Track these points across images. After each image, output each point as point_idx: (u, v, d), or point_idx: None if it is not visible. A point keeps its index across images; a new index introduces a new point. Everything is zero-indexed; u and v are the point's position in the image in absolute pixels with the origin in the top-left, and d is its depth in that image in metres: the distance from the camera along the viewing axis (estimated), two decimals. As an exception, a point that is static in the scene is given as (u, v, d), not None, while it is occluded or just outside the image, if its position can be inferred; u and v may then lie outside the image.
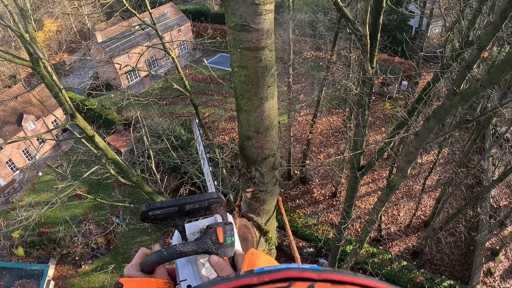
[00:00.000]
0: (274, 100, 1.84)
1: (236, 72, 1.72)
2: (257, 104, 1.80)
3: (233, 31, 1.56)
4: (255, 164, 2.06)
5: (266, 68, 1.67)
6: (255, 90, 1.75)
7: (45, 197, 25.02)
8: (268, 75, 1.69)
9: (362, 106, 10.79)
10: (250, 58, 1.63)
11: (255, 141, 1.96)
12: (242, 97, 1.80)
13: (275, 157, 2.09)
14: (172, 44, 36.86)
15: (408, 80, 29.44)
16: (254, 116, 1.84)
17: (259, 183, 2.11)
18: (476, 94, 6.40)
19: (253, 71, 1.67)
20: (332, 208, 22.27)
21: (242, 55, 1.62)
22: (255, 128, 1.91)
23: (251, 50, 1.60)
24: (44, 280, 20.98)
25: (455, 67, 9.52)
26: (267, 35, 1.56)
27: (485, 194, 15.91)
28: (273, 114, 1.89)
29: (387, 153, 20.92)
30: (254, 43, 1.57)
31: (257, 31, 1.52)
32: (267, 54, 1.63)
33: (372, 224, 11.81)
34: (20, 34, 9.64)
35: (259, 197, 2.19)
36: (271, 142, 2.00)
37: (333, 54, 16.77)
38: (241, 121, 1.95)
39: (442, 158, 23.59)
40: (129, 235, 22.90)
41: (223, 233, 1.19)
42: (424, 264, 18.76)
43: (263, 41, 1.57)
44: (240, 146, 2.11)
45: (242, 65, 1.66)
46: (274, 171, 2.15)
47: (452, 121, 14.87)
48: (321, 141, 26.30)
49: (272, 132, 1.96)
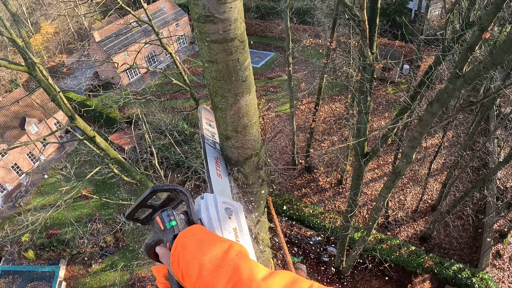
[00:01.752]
0: (252, 95, 1.70)
1: (207, 67, 1.58)
2: (232, 101, 1.65)
3: (197, 23, 1.42)
4: (237, 165, 1.91)
5: (238, 61, 1.52)
6: (228, 86, 1.60)
7: (52, 199, 25.16)
8: (241, 68, 1.55)
9: (364, 92, 10.63)
10: (219, 52, 1.48)
11: (234, 140, 1.82)
12: (216, 94, 1.66)
13: (259, 156, 1.95)
14: (170, 39, 36.64)
15: (410, 64, 29.11)
16: (230, 114, 1.70)
17: (243, 184, 1.97)
18: (479, 76, 6.24)
19: (223, 65, 1.52)
20: (338, 195, 22.17)
21: (210, 48, 1.47)
22: (232, 127, 1.76)
23: (219, 43, 1.45)
24: (55, 281, 21.16)
25: (456, 49, 9.31)
26: (236, 25, 1.41)
27: (491, 176, 15.69)
28: (252, 111, 1.75)
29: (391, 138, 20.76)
30: (222, 35, 1.42)
31: (224, 21, 1.38)
32: (237, 45, 1.48)
33: (379, 211, 11.73)
34: (13, 40, 9.51)
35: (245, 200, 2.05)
36: (252, 141, 1.86)
37: (332, 41, 16.53)
38: (218, 120, 1.80)
39: (446, 141, 23.37)
40: (137, 233, 23.00)
41: (161, 221, 1.24)
42: (432, 249, 18.67)
43: (232, 32, 1.43)
44: (221, 146, 1.96)
45: (212, 60, 1.52)
46: (259, 171, 2.01)
47: (456, 104, 14.65)
48: (324, 129, 26.14)
49: (252, 130, 1.81)
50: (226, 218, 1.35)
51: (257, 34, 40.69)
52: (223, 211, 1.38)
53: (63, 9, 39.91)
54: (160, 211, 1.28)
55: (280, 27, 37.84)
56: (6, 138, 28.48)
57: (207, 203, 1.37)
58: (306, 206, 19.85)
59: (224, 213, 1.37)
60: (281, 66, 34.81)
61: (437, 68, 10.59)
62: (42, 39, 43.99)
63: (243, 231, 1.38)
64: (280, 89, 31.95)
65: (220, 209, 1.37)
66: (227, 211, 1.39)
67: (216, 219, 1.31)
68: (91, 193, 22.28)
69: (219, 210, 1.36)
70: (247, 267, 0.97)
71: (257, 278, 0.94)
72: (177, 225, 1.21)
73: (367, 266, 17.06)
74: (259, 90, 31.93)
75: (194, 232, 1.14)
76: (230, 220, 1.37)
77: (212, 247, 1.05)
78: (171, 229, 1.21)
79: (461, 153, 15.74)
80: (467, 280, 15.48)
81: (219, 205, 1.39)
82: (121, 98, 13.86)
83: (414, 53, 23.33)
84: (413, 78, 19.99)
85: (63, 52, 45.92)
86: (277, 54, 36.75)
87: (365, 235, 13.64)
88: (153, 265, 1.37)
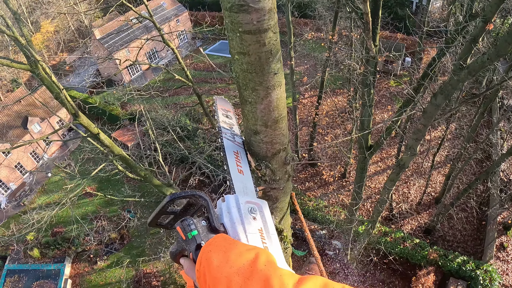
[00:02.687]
0: (282, 88, 1.67)
1: (237, 59, 1.55)
2: (263, 94, 1.62)
3: (229, 13, 1.39)
4: (265, 160, 1.89)
5: (271, 53, 1.50)
6: (260, 79, 1.57)
7: (56, 197, 25.23)
8: (273, 61, 1.52)
9: (367, 85, 10.61)
10: (252, 43, 1.45)
11: (263, 135, 1.79)
12: (246, 88, 1.63)
13: (286, 151, 1.93)
14: (171, 35, 36.54)
15: (412, 56, 28.97)
16: (261, 108, 1.67)
17: (270, 180, 1.95)
18: (484, 68, 6.21)
19: (256, 57, 1.49)
20: (342, 189, 22.17)
21: (242, 40, 1.44)
22: (262, 122, 1.74)
23: (252, 34, 1.42)
24: (61, 279, 21.24)
25: (459, 41, 9.25)
26: (270, 15, 1.38)
27: (495, 168, 15.66)
28: (282, 105, 1.72)
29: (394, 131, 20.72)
30: (255, 25, 1.39)
31: (258, 11, 1.35)
32: (271, 37, 1.45)
33: (383, 204, 11.73)
34: (15, 38, 9.47)
35: (271, 195, 2.03)
36: (281, 136, 1.83)
37: (334, 34, 16.46)
38: (246, 114, 1.77)
39: (450, 134, 23.31)
40: (142, 229, 23.06)
41: (182, 230, 1.20)
42: (436, 241, 18.69)
43: (266, 22, 1.40)
44: (247, 141, 1.93)
45: (243, 52, 1.49)
46: (286, 167, 1.99)
47: (459, 96, 14.59)
48: (328, 122, 26.10)
49: (281, 125, 1.79)
50: (250, 219, 1.31)
51: (257, 28, 40.41)
52: (246, 212, 1.33)
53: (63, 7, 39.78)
54: (180, 221, 1.24)
55: (281, 21, 37.68)
56: (9, 137, 28.51)
57: (229, 205, 1.33)
58: (310, 200, 19.85)
59: (248, 214, 1.32)
60: (283, 60, 34.63)
61: (441, 60, 10.53)
62: (43, 38, 43.88)
63: (270, 231, 1.33)
64: (281, 84, 31.84)
65: (244, 211, 1.32)
66: (251, 212, 1.34)
67: (239, 223, 1.27)
68: (95, 191, 22.29)
69: (242, 212, 1.31)
70: (277, 277, 0.94)
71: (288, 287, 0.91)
72: (198, 235, 1.18)
73: (371, 259, 17.08)
74: (260, 85, 31.76)
75: (217, 243, 1.10)
76: (255, 220, 1.32)
77: (238, 258, 1.01)
78: (193, 239, 1.18)
79: (464, 145, 15.70)
80: (471, 273, 15.49)
81: (241, 206, 1.34)
82: (123, 95, 13.81)
83: (417, 45, 23.23)
84: (415, 71, 19.91)
85: (64, 50, 45.83)
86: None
87: (370, 228, 13.66)
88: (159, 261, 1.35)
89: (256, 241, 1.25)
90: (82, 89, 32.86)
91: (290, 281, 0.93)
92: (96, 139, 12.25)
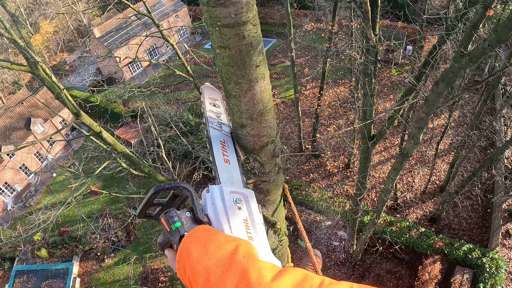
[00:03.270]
0: (266, 80, 1.65)
1: (218, 54, 1.53)
2: (246, 87, 1.61)
3: (207, 7, 1.37)
4: (253, 153, 1.88)
5: (252, 45, 1.48)
6: (242, 72, 1.56)
7: (61, 197, 25.41)
8: (254, 53, 1.50)
9: (368, 75, 10.54)
10: (231, 36, 1.44)
11: (249, 128, 1.78)
12: (229, 81, 1.62)
13: (275, 143, 1.92)
14: (171, 31, 36.47)
15: (413, 44, 28.75)
16: (245, 101, 1.66)
17: (260, 173, 1.94)
18: (485, 54, 6.15)
19: (236, 50, 1.48)
20: (347, 179, 22.14)
21: (221, 34, 1.42)
22: (247, 115, 1.72)
23: (231, 27, 1.40)
24: (70, 278, 21.43)
25: (460, 28, 9.17)
26: (248, 7, 1.36)
27: (499, 156, 15.56)
28: (267, 97, 1.70)
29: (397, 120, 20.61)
30: (234, 18, 1.37)
31: (235, 4, 1.33)
32: (250, 29, 1.43)
33: (388, 193, 11.71)
34: (13, 41, 9.48)
35: (262, 188, 2.02)
36: (268, 128, 1.82)
37: (334, 25, 16.34)
38: (232, 107, 1.76)
39: (453, 121, 23.19)
40: (148, 225, 23.19)
41: (166, 222, 1.21)
42: (442, 230, 18.66)
43: (244, 15, 1.38)
44: (235, 135, 1.92)
45: (224, 45, 1.47)
46: (275, 159, 1.98)
47: (461, 83, 14.49)
48: (330, 113, 26.02)
49: (267, 117, 1.77)
50: (235, 209, 1.31)
51: (257, 21, 40.33)
52: (231, 202, 1.33)
53: (61, 7, 39.79)
54: (164, 212, 1.25)
55: (280, 13, 37.50)
56: (12, 139, 28.68)
57: (213, 196, 1.33)
58: (314, 191, 19.84)
59: (232, 204, 1.32)
60: (283, 52, 34.61)
61: (441, 47, 10.44)
62: (42, 39, 43.96)
63: (255, 221, 1.33)
64: (284, 75, 31.79)
65: (228, 201, 1.32)
66: (236, 202, 1.34)
67: (223, 213, 1.27)
68: (100, 189, 22.44)
69: (227, 203, 1.31)
70: (256, 269, 0.95)
71: (266, 280, 0.91)
72: (181, 226, 1.18)
73: (377, 249, 17.10)
74: (261, 77, 31.76)
75: (198, 235, 1.11)
76: (240, 210, 1.32)
77: (218, 250, 1.02)
78: (176, 231, 1.18)
79: (468, 133, 15.61)
80: (477, 260, 15.46)
81: (226, 196, 1.34)
82: (124, 92, 13.84)
83: (417, 33, 23.04)
84: (417, 59, 19.76)
85: (64, 50, 45.90)
86: (278, 40, 36.49)
87: (375, 218, 13.66)
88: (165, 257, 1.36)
89: (241, 231, 1.24)
90: (83, 88, 32.93)
91: (269, 273, 0.93)
92: (98, 138, 12.29)
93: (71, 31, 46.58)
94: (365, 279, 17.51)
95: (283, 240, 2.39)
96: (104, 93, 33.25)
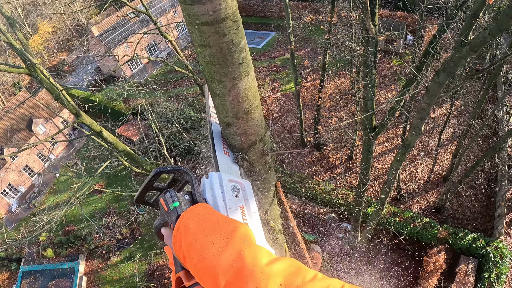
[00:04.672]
0: (251, 77, 1.61)
1: (200, 52, 1.49)
2: (229, 86, 1.57)
3: (185, 5, 1.33)
4: (241, 152, 1.84)
5: (233, 42, 1.43)
6: (224, 70, 1.52)
7: (65, 197, 25.47)
8: (236, 50, 1.46)
9: (369, 66, 10.46)
10: (211, 34, 1.39)
11: (236, 127, 1.74)
12: (212, 80, 1.58)
13: (264, 141, 1.88)
14: (169, 27, 36.34)
15: (413, 34, 28.52)
16: (229, 100, 1.62)
17: (249, 172, 1.89)
18: (485, 43, 6.09)
19: (217, 48, 1.44)
20: (350, 171, 22.10)
21: (201, 32, 1.38)
22: (233, 113, 1.69)
23: (210, 25, 1.36)
24: (76, 277, 21.56)
25: (460, 16, 9.08)
26: (226, 3, 1.32)
27: (502, 144, 15.45)
28: (252, 94, 1.66)
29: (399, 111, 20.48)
30: (212, 16, 1.33)
31: (212, 1, 1.28)
32: (230, 26, 1.38)
33: (391, 184, 11.68)
34: (10, 43, 9.46)
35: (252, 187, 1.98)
36: (255, 126, 1.78)
37: (333, 16, 16.21)
38: (217, 106, 1.72)
39: (455, 111, 23.04)
40: (152, 222, 23.18)
41: (164, 202, 1.23)
42: (446, 219, 18.61)
43: (223, 12, 1.33)
44: (223, 134, 1.88)
45: (204, 44, 1.43)
46: (265, 157, 1.94)
47: (462, 72, 14.37)
48: (331, 105, 25.93)
49: (254, 115, 1.73)
50: (232, 196, 1.33)
51: (256, 14, 40.14)
52: (229, 189, 1.35)
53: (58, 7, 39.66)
54: (163, 193, 1.27)
55: (279, 5, 37.27)
56: (14, 141, 28.76)
57: (211, 181, 1.35)
58: (317, 184, 19.81)
59: (230, 191, 1.34)
60: (283, 45, 34.46)
61: (442, 37, 10.33)
62: (41, 39, 43.93)
63: (251, 209, 1.34)
64: (284, 68, 31.66)
65: (226, 188, 1.34)
66: (233, 189, 1.37)
67: (221, 198, 1.28)
68: (103, 187, 22.49)
69: (225, 189, 1.33)
70: (251, 251, 0.94)
71: (260, 263, 0.90)
72: (180, 206, 1.20)
73: (382, 240, 17.10)
74: (262, 70, 31.67)
75: (197, 212, 1.11)
76: (237, 198, 1.34)
77: (215, 229, 1.01)
78: (174, 210, 1.19)
79: (470, 122, 15.50)
80: (482, 250, 15.43)
81: (224, 183, 1.36)
82: (125, 90, 13.85)
83: (417, 23, 22.85)
84: (417, 49, 19.61)
85: (63, 50, 45.84)
86: (278, 33, 36.31)
87: (378, 209, 13.63)
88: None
89: (237, 216, 1.26)
90: (84, 87, 32.94)
91: (265, 258, 0.93)
92: (99, 137, 12.32)
93: (70, 30, 46.50)
94: (370, 271, 17.52)
95: (278, 238, 2.36)
96: (104, 91, 33.22)
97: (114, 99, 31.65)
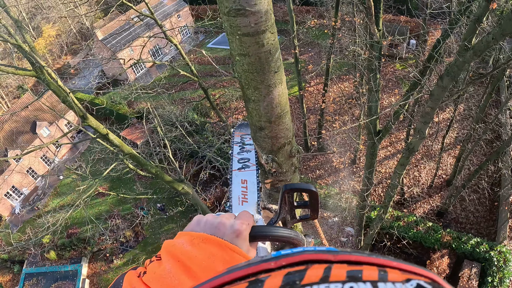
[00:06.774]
0: (283, 85, 1.71)
1: (238, 61, 1.59)
2: (265, 92, 1.67)
3: (228, 17, 1.42)
4: (271, 154, 1.94)
5: (270, 52, 1.53)
6: (261, 78, 1.62)
7: (69, 199, 25.54)
8: (273, 60, 1.56)
9: (373, 70, 10.54)
10: (251, 44, 1.49)
11: (267, 131, 1.84)
12: (248, 87, 1.68)
13: (291, 144, 1.98)
14: (174, 31, 36.51)
15: (417, 38, 28.62)
16: (264, 105, 1.72)
17: (277, 173, 2.00)
18: (489, 48, 6.16)
19: (256, 58, 1.53)
20: (353, 175, 22.14)
21: (241, 42, 1.48)
22: (266, 118, 1.78)
23: (251, 36, 1.46)
24: (79, 280, 21.56)
25: (463, 21, 9.16)
26: (267, 17, 1.42)
27: (505, 148, 15.52)
28: (284, 101, 1.76)
29: (403, 115, 20.56)
30: (253, 28, 1.43)
31: (255, 14, 1.38)
32: (269, 37, 1.48)
33: (395, 188, 11.72)
34: (18, 46, 9.57)
35: (279, 187, 2.08)
36: (285, 130, 1.88)
37: (337, 20, 16.33)
38: (250, 111, 1.82)
39: (458, 115, 23.09)
40: (156, 225, 23.29)
41: None
42: (449, 224, 18.63)
43: (263, 24, 1.43)
44: (253, 137, 1.98)
45: (243, 53, 1.53)
46: (292, 159, 2.04)
47: (466, 76, 14.45)
48: (335, 109, 26.00)
49: (285, 120, 1.83)
50: None
51: (259, 19, 40.20)
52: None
53: (63, 11, 39.90)
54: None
55: (282, 9, 37.41)
56: (19, 143, 28.87)
57: None
58: (321, 188, 19.88)
59: None
60: (286, 49, 34.54)
61: (445, 41, 10.43)
62: (45, 42, 44.12)
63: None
64: (288, 72, 31.74)
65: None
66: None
67: None
68: (107, 190, 22.55)
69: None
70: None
71: None
72: None
73: (385, 244, 17.11)
74: (265, 75, 31.70)
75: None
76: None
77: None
78: None
79: (474, 126, 15.56)
80: (485, 254, 15.43)
81: None
82: (129, 93, 13.94)
83: (421, 27, 22.96)
84: (421, 53, 19.71)
85: (68, 53, 46.05)
86: (281, 37, 36.37)
87: (382, 213, 13.67)
88: None
89: None
90: (89, 91, 33.07)
91: None
92: (105, 140, 12.37)
93: (74, 34, 46.74)
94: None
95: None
96: (108, 94, 33.38)
97: (118, 102, 31.79)
